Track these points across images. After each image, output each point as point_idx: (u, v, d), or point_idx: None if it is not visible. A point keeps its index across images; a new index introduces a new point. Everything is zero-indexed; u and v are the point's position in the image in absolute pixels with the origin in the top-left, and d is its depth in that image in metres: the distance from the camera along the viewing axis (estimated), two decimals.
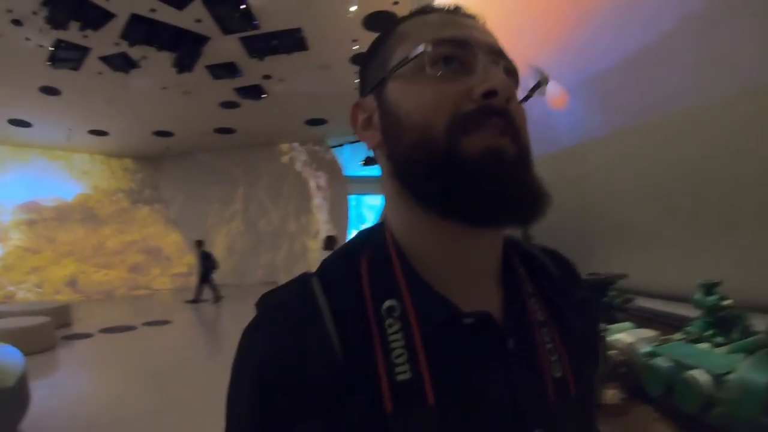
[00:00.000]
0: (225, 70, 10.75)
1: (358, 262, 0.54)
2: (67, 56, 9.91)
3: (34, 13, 8.53)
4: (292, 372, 0.46)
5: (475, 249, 0.54)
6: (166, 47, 9.68)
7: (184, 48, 9.68)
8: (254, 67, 10.72)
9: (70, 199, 15.82)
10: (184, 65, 10.15)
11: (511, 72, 0.56)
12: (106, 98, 11.97)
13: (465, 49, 0.53)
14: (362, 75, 0.63)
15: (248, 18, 8.80)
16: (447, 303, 0.50)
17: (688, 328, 3.53)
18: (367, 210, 19.21)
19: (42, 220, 15.07)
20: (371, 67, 0.61)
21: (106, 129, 14.22)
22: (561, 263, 0.67)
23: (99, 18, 8.74)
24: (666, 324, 4.44)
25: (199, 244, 12.26)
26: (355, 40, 9.54)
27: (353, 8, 8.42)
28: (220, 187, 16.57)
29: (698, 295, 3.55)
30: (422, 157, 0.51)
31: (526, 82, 0.61)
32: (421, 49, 0.51)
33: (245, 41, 9.58)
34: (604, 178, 6.68)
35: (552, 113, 7.06)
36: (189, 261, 15.66)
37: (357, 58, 10.18)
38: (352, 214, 16.91)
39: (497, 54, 0.55)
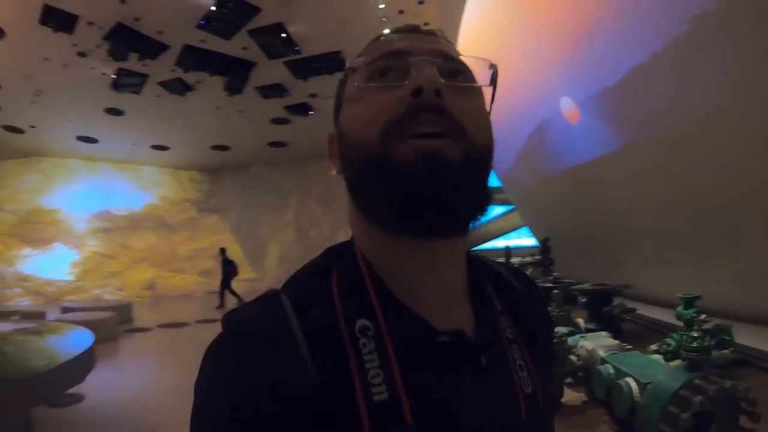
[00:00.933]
0: (273, 90, 11.16)
1: (328, 279, 0.52)
2: (129, 82, 10.64)
3: (97, 46, 9.22)
4: (270, 398, 0.44)
5: (436, 263, 0.52)
6: (218, 72, 10.18)
7: (234, 73, 10.14)
8: (300, 87, 11.04)
9: (140, 209, 16.94)
10: (234, 88, 10.64)
11: (456, 71, 0.53)
12: (165, 117, 12.73)
13: (398, 58, 0.52)
14: (335, 101, 0.62)
15: (290, 44, 9.09)
16: (420, 321, 0.49)
17: (667, 339, 3.65)
18: None
19: (116, 228, 16.24)
20: (339, 95, 0.60)
21: (168, 144, 15.16)
22: (523, 280, 0.67)
23: (155, 49, 9.33)
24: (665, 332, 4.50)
25: (222, 251, 12.46)
26: None
27: (386, 30, 8.47)
28: (274, 198, 17.18)
29: (679, 308, 3.74)
30: (361, 169, 0.51)
31: (486, 78, 0.57)
32: (356, 63, 0.54)
33: (289, 64, 9.91)
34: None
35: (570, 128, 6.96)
36: (253, 268, 16.40)
37: None
38: None
39: (436, 55, 0.52)
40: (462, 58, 0.56)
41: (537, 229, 10.54)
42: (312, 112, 12.58)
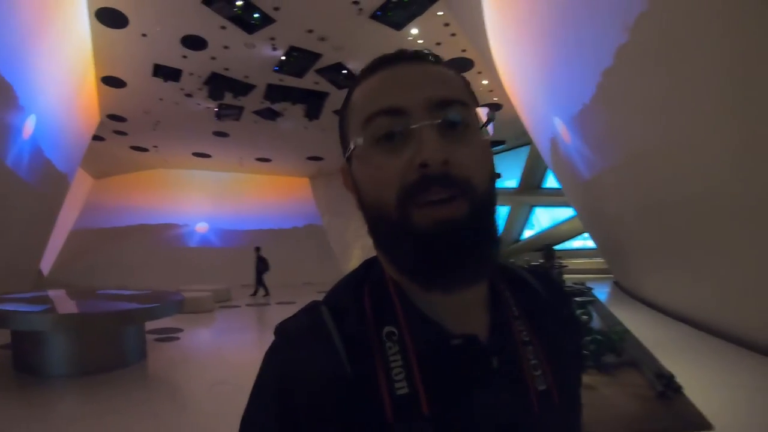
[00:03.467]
0: None
1: (362, 291, 0.58)
2: (228, 113, 12.45)
3: (199, 89, 11.01)
4: (309, 384, 0.51)
5: (458, 296, 0.55)
6: (299, 102, 11.55)
7: (311, 102, 11.45)
8: None
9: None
10: (312, 115, 12.04)
11: (455, 122, 0.53)
12: (264, 136, 14.55)
13: (401, 117, 0.53)
14: (340, 134, 0.62)
15: (352, 77, 10.09)
16: (438, 328, 0.54)
17: None
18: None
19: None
20: (342, 131, 0.61)
21: (269, 157, 17.20)
22: (549, 284, 0.70)
23: (244, 89, 10.94)
24: None
25: (257, 249, 14.24)
26: None
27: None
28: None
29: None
30: (383, 228, 0.54)
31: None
32: (360, 141, 0.54)
33: None
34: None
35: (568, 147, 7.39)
36: (342, 267, 18.16)
37: None
38: None
39: (436, 106, 0.54)
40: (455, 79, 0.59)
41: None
42: None
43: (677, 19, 3.95)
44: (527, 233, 18.29)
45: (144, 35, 8.83)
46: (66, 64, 8.52)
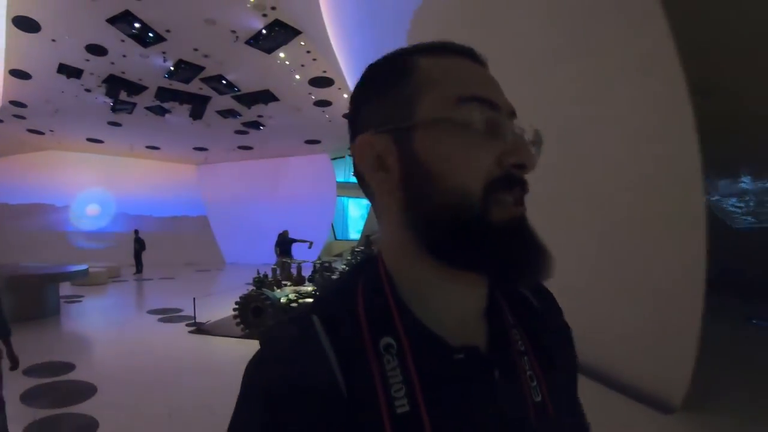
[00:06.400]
0: (228, 113, 15.11)
1: (354, 299, 0.55)
2: (123, 107, 14.63)
3: (98, 86, 13.19)
4: (300, 402, 0.48)
5: (471, 293, 0.56)
6: (185, 102, 14.07)
7: (195, 104, 14.04)
8: (248, 111, 14.92)
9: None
10: (196, 115, 14.61)
11: (541, 140, 0.56)
12: (154, 128, 16.81)
13: (496, 111, 0.53)
14: (362, 104, 0.58)
15: (231, 86, 12.93)
16: (439, 340, 0.52)
17: None
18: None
19: None
20: (381, 100, 0.56)
21: (158, 145, 19.40)
22: (542, 295, 0.70)
23: (138, 89, 13.29)
24: None
25: (136, 232, 17.22)
26: (310, 93, 13.44)
27: (297, 76, 12.30)
28: None
29: None
30: (458, 221, 0.51)
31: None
32: (476, 118, 0.51)
33: (235, 98, 13.77)
34: None
35: None
36: None
37: (319, 103, 14.14)
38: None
39: (512, 114, 0.56)
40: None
41: None
42: (263, 127, 16.53)
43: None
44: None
45: (53, 40, 10.97)
46: None
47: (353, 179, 1.00)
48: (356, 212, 25.59)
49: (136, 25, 10.22)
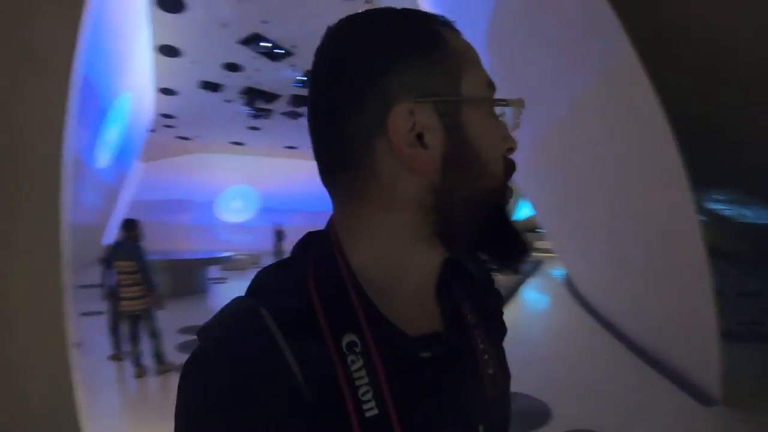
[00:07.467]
0: None
1: (305, 287, 0.48)
2: (260, 113, 15.01)
3: (238, 97, 13.54)
4: (258, 409, 0.41)
5: (434, 267, 0.53)
6: None
7: None
8: None
9: None
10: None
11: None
12: (291, 129, 17.12)
13: (493, 94, 0.51)
14: (393, 59, 0.46)
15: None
16: (406, 338, 0.48)
17: None
18: None
19: None
20: (420, 64, 0.47)
21: (296, 145, 19.85)
22: (477, 262, 0.63)
23: (272, 97, 13.45)
24: None
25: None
26: None
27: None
28: None
29: None
30: (492, 207, 0.49)
31: None
32: (506, 103, 0.50)
33: None
34: None
35: None
36: None
37: None
38: None
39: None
40: None
41: None
42: None
43: None
44: None
45: (193, 62, 11.32)
46: None
47: None
48: None
49: (265, 44, 10.21)
